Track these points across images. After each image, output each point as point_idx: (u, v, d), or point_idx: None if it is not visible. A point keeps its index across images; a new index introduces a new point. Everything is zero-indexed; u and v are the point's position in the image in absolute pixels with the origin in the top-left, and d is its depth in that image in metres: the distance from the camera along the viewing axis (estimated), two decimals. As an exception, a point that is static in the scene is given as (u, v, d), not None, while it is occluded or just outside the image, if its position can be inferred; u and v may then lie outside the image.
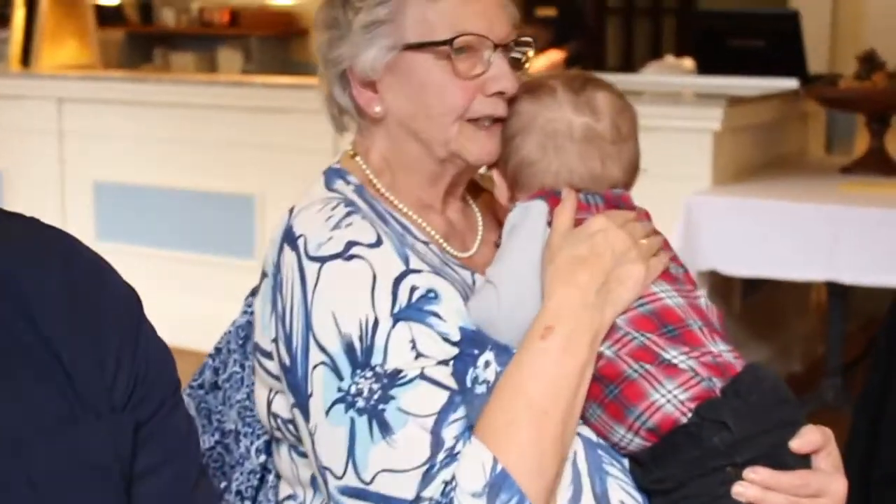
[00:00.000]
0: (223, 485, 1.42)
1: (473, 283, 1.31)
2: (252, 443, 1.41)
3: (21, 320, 0.76)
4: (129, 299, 0.84)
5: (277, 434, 1.34)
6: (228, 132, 4.11)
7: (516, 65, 1.35)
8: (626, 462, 1.28)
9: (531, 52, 1.37)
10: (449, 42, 1.28)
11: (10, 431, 0.72)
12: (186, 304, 3.89)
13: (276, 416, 1.32)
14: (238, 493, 1.41)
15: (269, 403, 1.33)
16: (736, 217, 3.19)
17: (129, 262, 4.07)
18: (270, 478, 1.41)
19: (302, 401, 1.23)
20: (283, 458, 1.35)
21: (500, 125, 1.34)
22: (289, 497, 1.35)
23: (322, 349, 1.21)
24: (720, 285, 3.48)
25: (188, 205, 4.23)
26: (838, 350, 3.48)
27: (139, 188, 4.32)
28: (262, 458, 1.40)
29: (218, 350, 1.46)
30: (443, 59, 1.29)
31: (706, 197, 3.23)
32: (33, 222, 0.83)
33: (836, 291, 3.42)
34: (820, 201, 3.18)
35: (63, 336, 0.77)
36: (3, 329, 0.75)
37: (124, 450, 0.79)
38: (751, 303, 3.84)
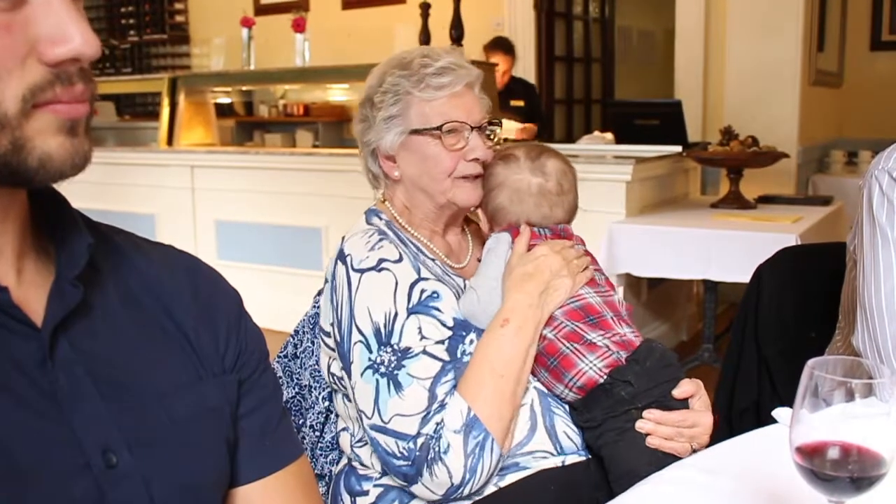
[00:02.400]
0: (300, 421, 1.41)
1: (464, 285, 1.32)
2: (319, 393, 1.41)
3: (161, 310, 0.75)
4: (233, 296, 0.84)
5: (334, 386, 1.34)
6: (304, 186, 4.11)
7: (488, 138, 1.34)
8: (566, 407, 1.28)
9: (499, 130, 1.37)
10: (439, 127, 1.28)
11: (157, 385, 0.72)
12: (276, 300, 3.89)
13: (332, 375, 1.32)
14: (311, 426, 1.41)
15: (329, 366, 1.33)
16: (642, 237, 3.17)
17: (240, 273, 4.09)
18: (332, 416, 1.41)
19: (347, 366, 1.23)
20: (339, 402, 1.35)
21: (480, 180, 1.33)
22: (343, 429, 1.35)
23: (360, 331, 1.21)
24: (633, 283, 3.47)
25: (278, 234, 4.22)
26: (711, 325, 3.47)
27: (246, 224, 4.31)
28: (326, 403, 1.40)
29: (296, 331, 1.46)
30: (436, 138, 1.29)
31: (622, 225, 3.22)
32: (169, 247, 0.83)
33: (709, 286, 3.41)
34: (697, 226, 3.16)
35: (189, 321, 0.76)
36: (151, 317, 0.75)
37: (232, 398, 0.78)
38: (653, 294, 3.82)
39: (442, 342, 1.22)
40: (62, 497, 0.63)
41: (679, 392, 1.22)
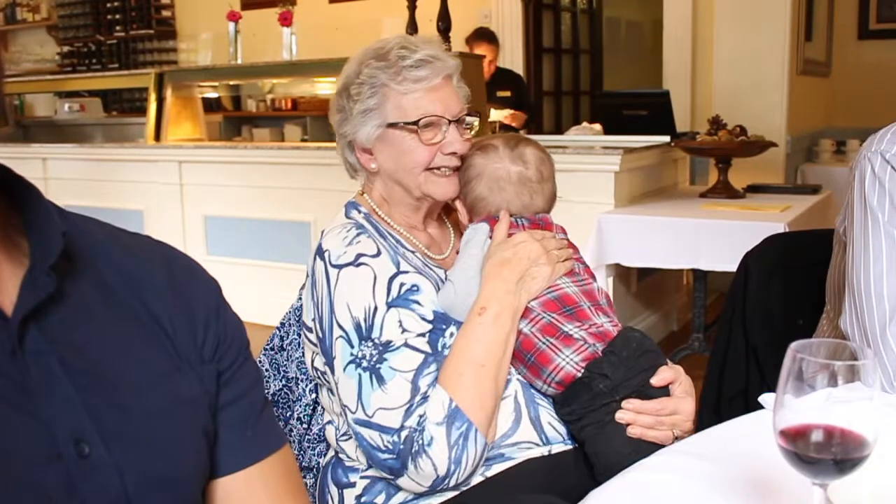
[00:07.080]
0: (288, 414, 1.41)
1: (445, 277, 1.31)
2: (306, 386, 1.40)
3: (137, 301, 0.75)
4: (211, 286, 0.83)
5: (319, 380, 1.34)
6: (292, 180, 4.10)
7: (465, 130, 1.33)
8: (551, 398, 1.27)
9: (476, 121, 1.35)
10: (416, 122, 1.27)
11: (132, 376, 0.71)
12: (264, 294, 3.88)
13: (316, 370, 1.32)
14: (298, 419, 1.40)
15: (312, 361, 1.33)
16: (631, 228, 3.17)
17: (229, 268, 4.09)
18: (319, 409, 1.41)
19: (329, 361, 1.23)
20: (323, 396, 1.35)
21: (457, 173, 1.32)
22: (329, 422, 1.35)
23: (340, 327, 1.20)
24: (622, 273, 3.48)
25: (267, 229, 4.21)
26: (701, 315, 3.47)
27: (235, 219, 4.30)
28: (313, 395, 1.40)
29: (282, 324, 1.45)
30: (412, 132, 1.27)
31: (611, 215, 3.21)
32: (145, 237, 0.82)
33: (699, 275, 3.41)
34: (686, 216, 3.17)
35: (166, 311, 0.76)
36: (125, 307, 0.74)
37: (210, 389, 0.78)
38: (643, 284, 3.83)
39: (423, 335, 1.21)
40: (33, 487, 0.62)
41: (657, 380, 1.21)
